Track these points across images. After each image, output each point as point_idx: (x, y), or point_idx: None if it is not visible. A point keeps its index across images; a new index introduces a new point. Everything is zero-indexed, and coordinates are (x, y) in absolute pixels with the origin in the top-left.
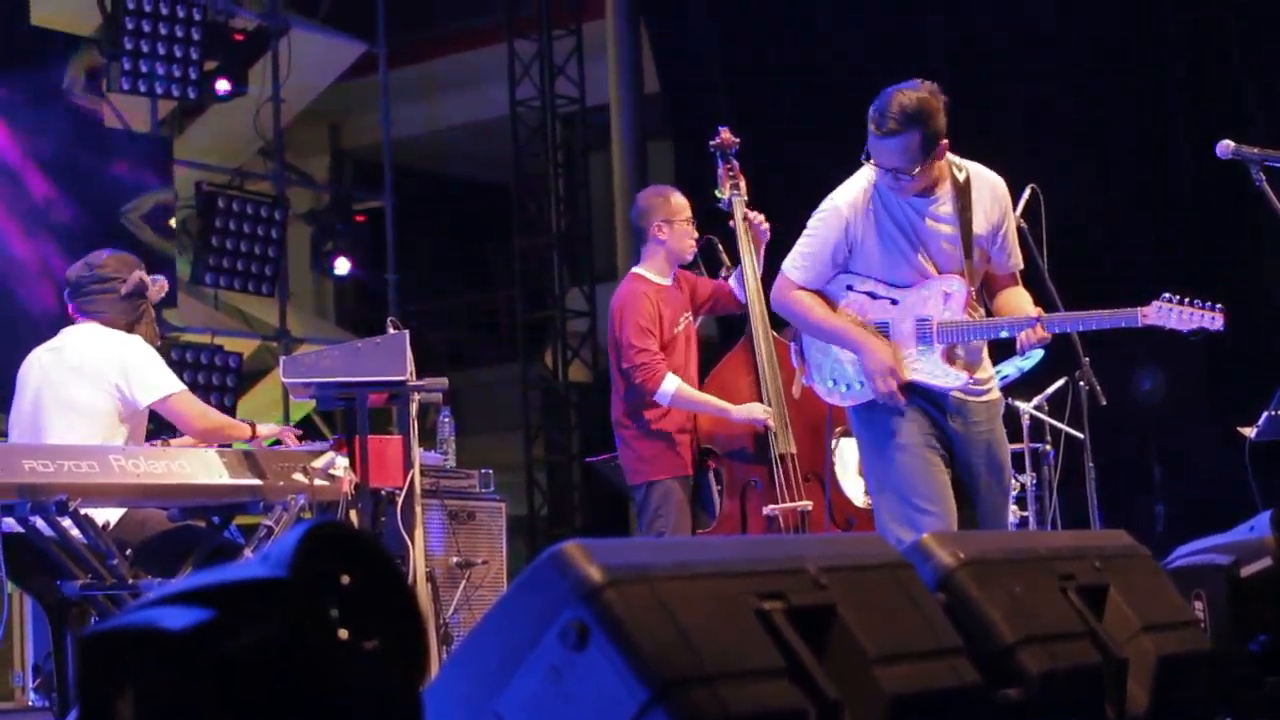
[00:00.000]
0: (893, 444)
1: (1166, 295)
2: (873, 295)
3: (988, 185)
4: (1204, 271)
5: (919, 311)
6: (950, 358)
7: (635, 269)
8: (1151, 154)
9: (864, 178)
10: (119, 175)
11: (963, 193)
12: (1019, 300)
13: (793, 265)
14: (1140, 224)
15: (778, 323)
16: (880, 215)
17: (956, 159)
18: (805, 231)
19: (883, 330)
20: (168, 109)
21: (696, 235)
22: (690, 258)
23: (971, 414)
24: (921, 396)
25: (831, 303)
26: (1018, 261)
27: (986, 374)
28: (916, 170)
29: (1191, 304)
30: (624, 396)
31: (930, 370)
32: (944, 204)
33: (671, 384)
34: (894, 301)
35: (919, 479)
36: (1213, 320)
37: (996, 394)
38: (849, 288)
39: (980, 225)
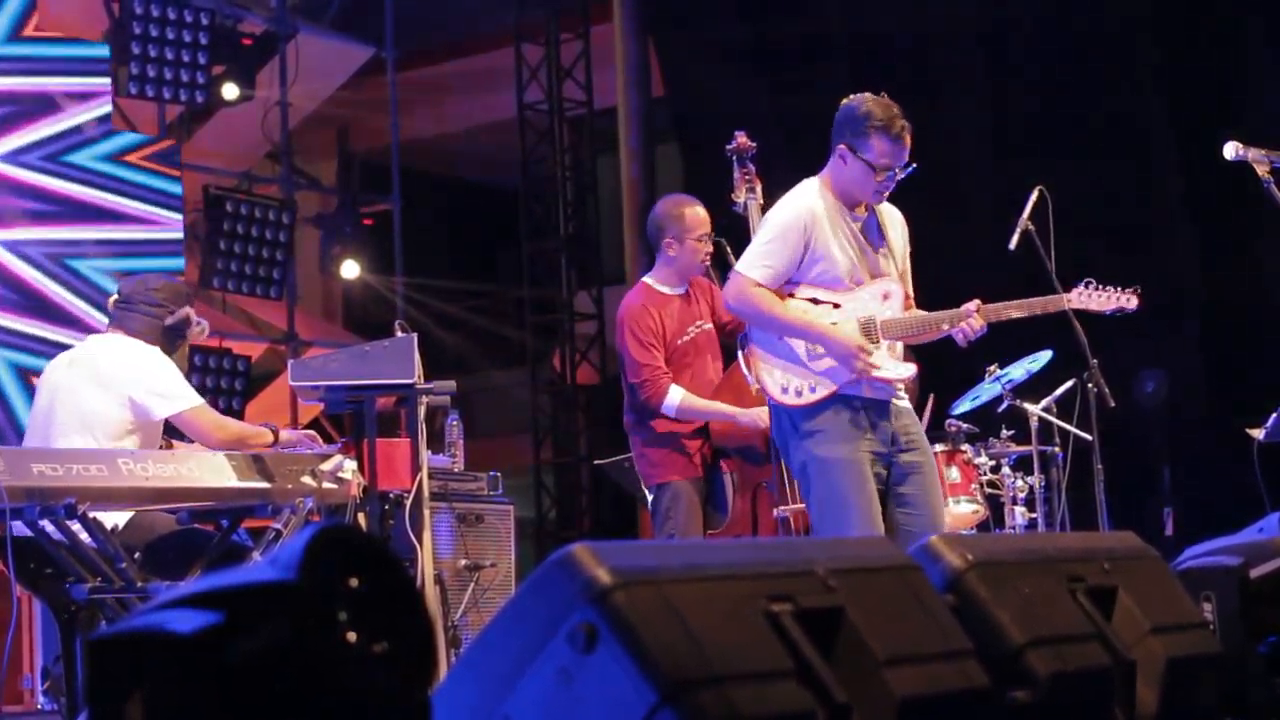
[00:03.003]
0: (838, 460)
1: (1087, 280)
2: (815, 301)
3: (895, 213)
4: (1205, 272)
5: (861, 313)
6: (895, 352)
7: (645, 278)
8: (1149, 155)
9: (813, 190)
10: None
11: (878, 215)
12: None
13: (752, 265)
14: (1139, 226)
15: None
16: (835, 224)
17: None
18: (764, 236)
19: None
20: (175, 113)
21: (709, 251)
22: (700, 272)
23: (904, 414)
24: (864, 406)
25: None
26: (911, 289)
27: None
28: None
29: (1108, 288)
30: (630, 406)
31: (884, 366)
32: (870, 221)
33: (675, 396)
34: (836, 305)
35: (858, 499)
36: (1129, 300)
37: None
38: (790, 295)
39: (896, 244)
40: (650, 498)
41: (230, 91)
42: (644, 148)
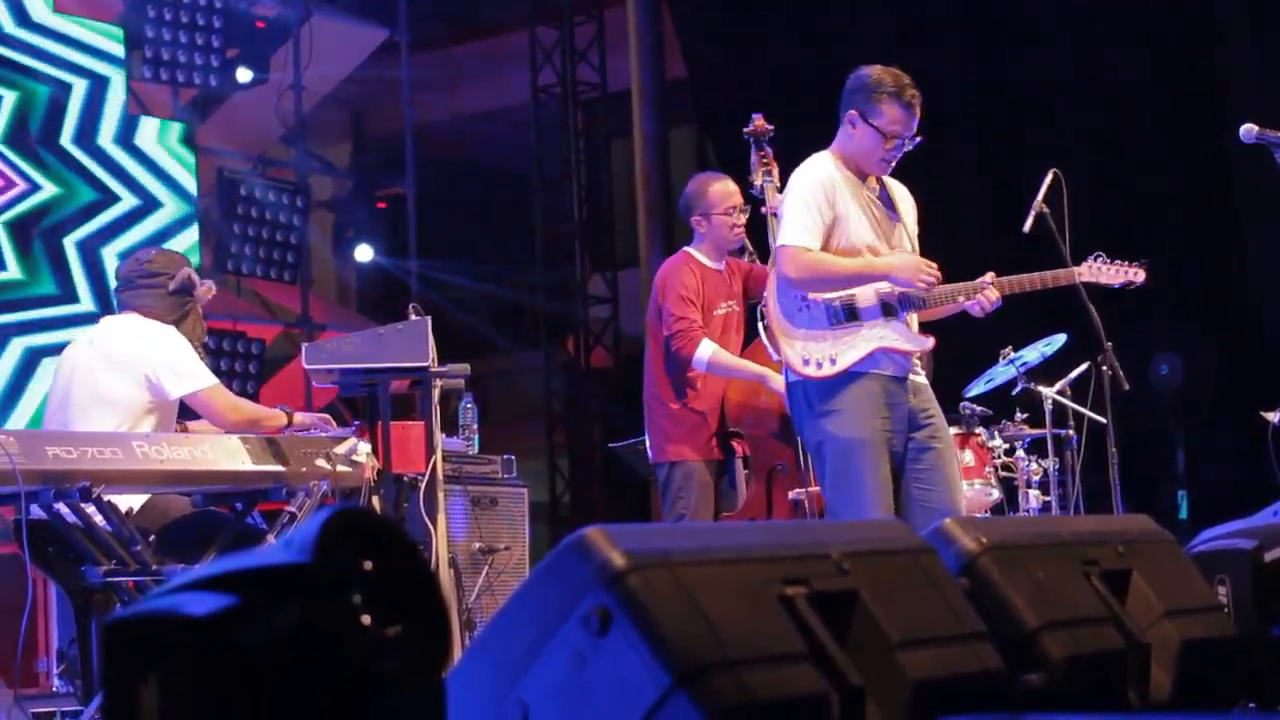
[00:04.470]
0: (854, 440)
1: (1096, 254)
2: None
3: (904, 190)
4: (1219, 255)
5: (883, 285)
6: (912, 325)
7: (687, 248)
8: (1162, 136)
9: (825, 160)
10: None
11: (887, 189)
12: None
13: (795, 235)
14: (1152, 209)
15: None
16: (851, 192)
17: None
18: (793, 208)
19: (849, 305)
20: (189, 96)
21: (741, 222)
22: (737, 244)
23: (922, 391)
24: (882, 384)
25: None
26: None
27: None
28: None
29: (1118, 262)
30: (664, 370)
31: (903, 336)
32: (881, 194)
33: (707, 350)
34: None
35: (872, 480)
36: (1136, 274)
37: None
38: None
39: (908, 219)
40: (661, 476)
41: (244, 75)
42: (658, 131)
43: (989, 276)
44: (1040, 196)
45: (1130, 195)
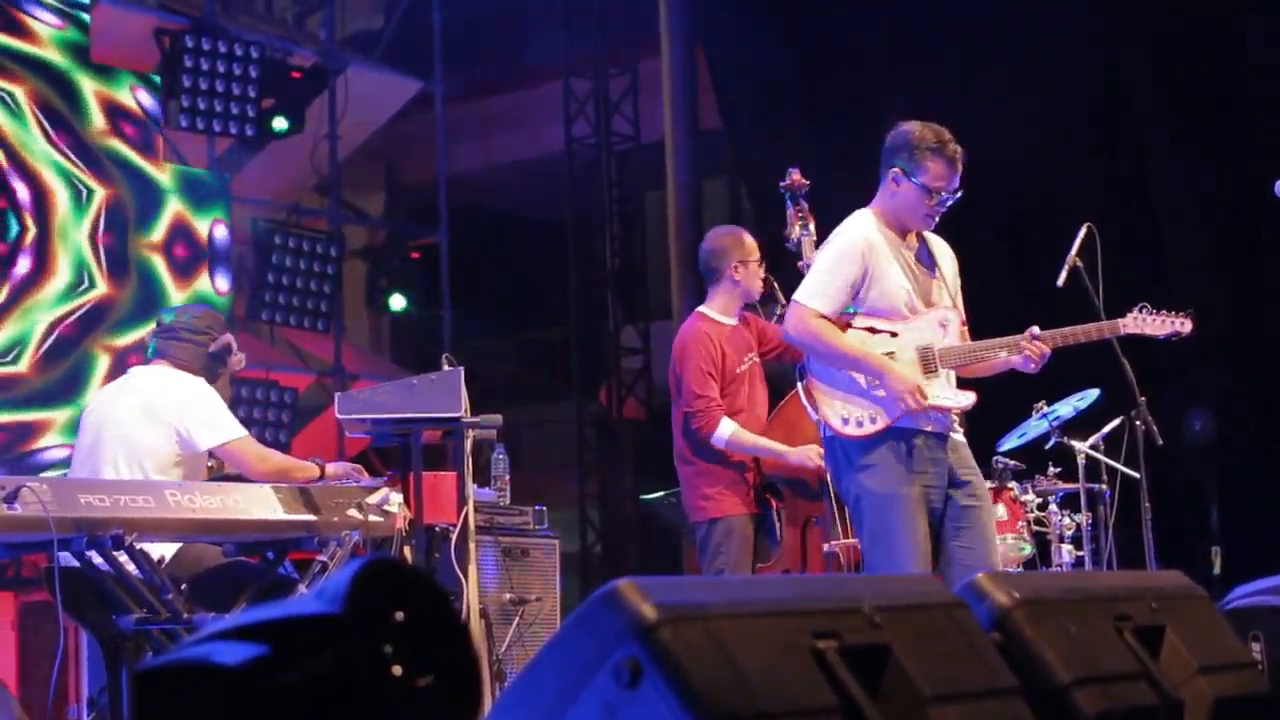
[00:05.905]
0: (891, 496)
1: (1141, 304)
2: (872, 330)
3: (945, 245)
4: (1253, 310)
5: (919, 342)
6: (954, 382)
7: (701, 308)
8: (1195, 191)
9: (867, 219)
10: None
11: (928, 245)
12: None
13: (812, 294)
14: (1184, 263)
15: None
16: (891, 252)
17: None
18: (821, 265)
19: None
20: (225, 145)
21: (764, 275)
22: (758, 297)
23: (960, 448)
24: (922, 441)
25: None
26: (963, 317)
27: None
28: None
29: (1163, 312)
30: (684, 434)
31: (944, 394)
32: (921, 251)
33: (727, 429)
34: (893, 334)
35: (910, 536)
36: (1183, 324)
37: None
38: (848, 325)
39: (948, 274)
40: (699, 533)
41: (280, 124)
42: (692, 182)
43: (1034, 330)
44: (1074, 251)
45: (1162, 248)
